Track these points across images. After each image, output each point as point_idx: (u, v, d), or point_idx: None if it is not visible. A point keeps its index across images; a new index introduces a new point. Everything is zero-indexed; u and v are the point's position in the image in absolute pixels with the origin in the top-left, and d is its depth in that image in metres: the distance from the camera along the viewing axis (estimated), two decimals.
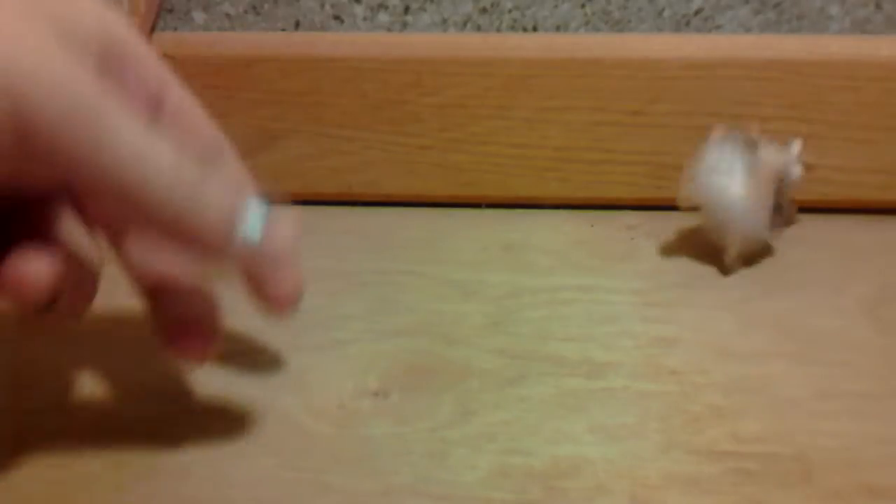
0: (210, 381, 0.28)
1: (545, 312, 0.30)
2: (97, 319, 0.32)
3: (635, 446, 0.24)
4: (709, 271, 0.34)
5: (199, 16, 0.38)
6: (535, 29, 0.40)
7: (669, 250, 0.35)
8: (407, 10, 0.40)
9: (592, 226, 0.35)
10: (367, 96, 0.37)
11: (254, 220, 0.22)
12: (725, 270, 0.32)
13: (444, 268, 0.35)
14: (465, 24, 0.40)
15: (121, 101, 0.21)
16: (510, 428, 0.25)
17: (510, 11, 0.40)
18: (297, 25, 0.40)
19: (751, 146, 0.32)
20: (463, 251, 0.29)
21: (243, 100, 0.37)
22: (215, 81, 0.37)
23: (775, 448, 0.24)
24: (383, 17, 0.40)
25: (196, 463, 0.24)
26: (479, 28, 0.40)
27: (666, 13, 0.43)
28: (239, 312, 0.32)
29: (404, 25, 0.40)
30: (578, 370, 0.28)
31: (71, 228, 0.24)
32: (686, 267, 0.34)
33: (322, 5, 0.40)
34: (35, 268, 0.22)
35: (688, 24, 0.43)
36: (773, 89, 0.38)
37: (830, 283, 0.33)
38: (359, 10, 0.40)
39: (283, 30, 0.39)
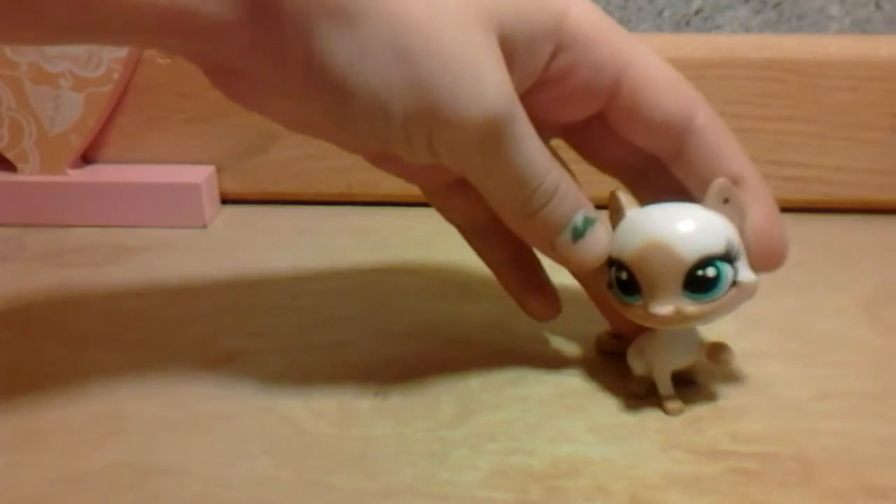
0: (210, 381, 0.28)
1: None
2: (97, 319, 0.32)
3: (635, 446, 0.24)
4: None
5: None
6: None
7: None
8: None
9: None
10: None
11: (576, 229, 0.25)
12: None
13: (444, 268, 0.35)
14: None
15: None
16: (510, 428, 0.25)
17: None
18: None
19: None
20: (463, 251, 0.29)
21: None
22: None
23: (775, 448, 0.24)
24: None
25: (196, 463, 0.24)
26: None
27: (666, 13, 0.43)
28: (238, 312, 0.32)
29: None
30: (578, 370, 0.28)
31: None
32: None
33: None
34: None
35: (688, 24, 0.43)
36: (773, 89, 0.38)
37: (830, 283, 0.33)
38: None
39: None
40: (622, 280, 0.24)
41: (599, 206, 0.25)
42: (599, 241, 0.25)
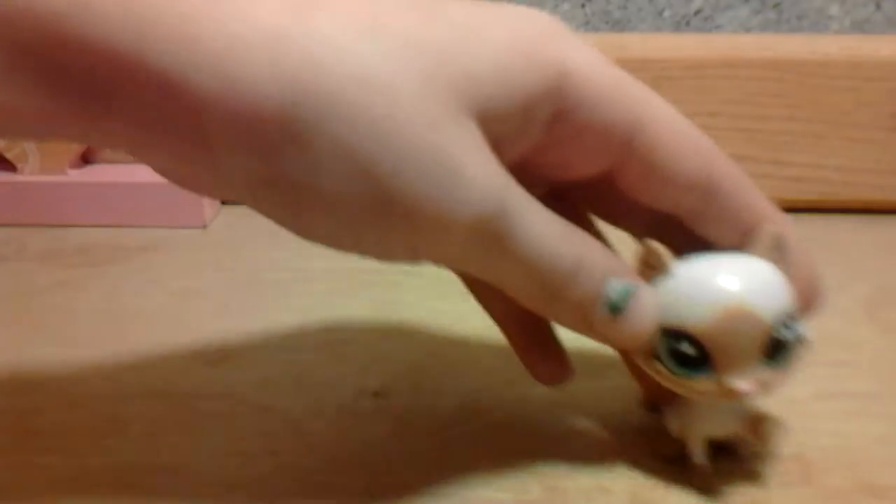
0: (210, 380, 0.28)
1: None
2: (97, 319, 0.32)
3: (635, 446, 0.24)
4: None
5: None
6: None
7: None
8: None
9: None
10: None
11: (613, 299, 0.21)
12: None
13: (444, 268, 0.34)
14: None
15: None
16: (510, 428, 0.25)
17: None
18: None
19: None
20: None
21: None
22: None
23: (775, 448, 0.24)
24: None
25: (196, 463, 0.24)
26: None
27: (666, 13, 0.43)
28: (237, 312, 0.32)
29: None
30: (578, 369, 0.28)
31: None
32: None
33: None
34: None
35: (688, 24, 0.43)
36: (773, 89, 0.38)
37: (830, 283, 0.33)
38: None
39: None
40: (685, 354, 0.21)
41: None
42: (646, 311, 0.21)
